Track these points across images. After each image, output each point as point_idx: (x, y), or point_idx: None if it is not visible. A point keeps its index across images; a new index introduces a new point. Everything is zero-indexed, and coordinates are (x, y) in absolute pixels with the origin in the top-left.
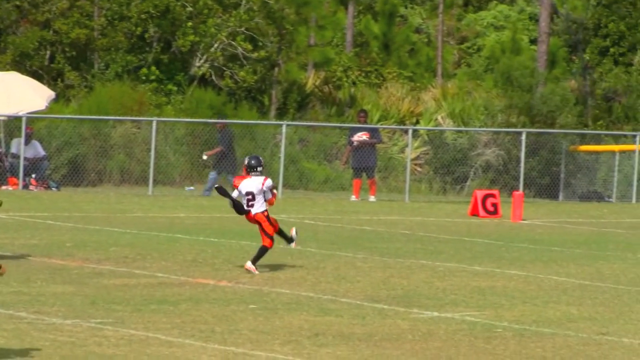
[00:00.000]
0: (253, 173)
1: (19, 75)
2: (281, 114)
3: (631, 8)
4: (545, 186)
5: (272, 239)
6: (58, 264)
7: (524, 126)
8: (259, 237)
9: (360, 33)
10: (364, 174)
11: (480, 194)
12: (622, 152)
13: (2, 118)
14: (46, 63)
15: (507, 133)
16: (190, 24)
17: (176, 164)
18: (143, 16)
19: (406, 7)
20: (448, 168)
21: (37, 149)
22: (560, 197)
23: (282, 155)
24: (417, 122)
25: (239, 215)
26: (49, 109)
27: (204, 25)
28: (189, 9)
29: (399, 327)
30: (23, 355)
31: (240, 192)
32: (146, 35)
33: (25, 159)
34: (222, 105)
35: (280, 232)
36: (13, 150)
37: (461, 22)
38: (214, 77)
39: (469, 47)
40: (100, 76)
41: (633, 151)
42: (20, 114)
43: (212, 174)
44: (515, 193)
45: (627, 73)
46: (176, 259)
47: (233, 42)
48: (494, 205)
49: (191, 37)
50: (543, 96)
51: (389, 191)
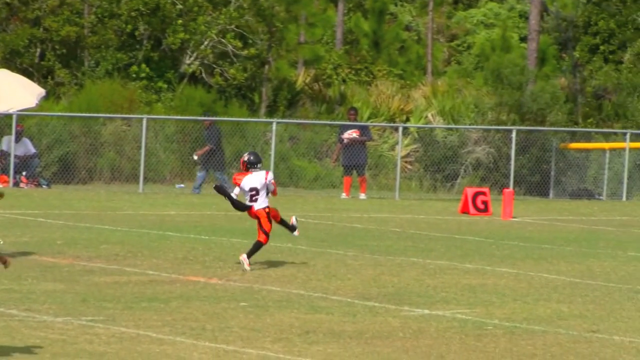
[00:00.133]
0: (254, 169)
1: (9, 72)
2: (271, 111)
3: (621, 6)
4: (536, 184)
5: (267, 235)
6: (49, 262)
7: (514, 124)
8: (251, 235)
9: (350, 31)
10: (355, 172)
11: (470, 191)
12: (612, 149)
13: None
14: (36, 60)
15: (498, 131)
16: (180, 21)
17: (166, 162)
18: (133, 14)
19: (396, 5)
20: (438, 166)
21: (28, 147)
22: (551, 194)
23: (272, 152)
24: (407, 120)
25: (235, 213)
26: (40, 107)
27: (194, 23)
28: (179, 6)
29: (389, 324)
30: (14, 353)
31: (242, 188)
32: (136, 33)
33: (16, 156)
34: (212, 102)
35: (282, 222)
36: (3, 147)
37: (451, 19)
38: (204, 75)
39: (459, 45)
40: (91, 74)
41: (623, 149)
42: (10, 111)
43: (200, 174)
44: (506, 191)
45: (617, 71)
46: (167, 257)
47: (223, 40)
48: (485, 202)
49: (181, 35)
50: (533, 94)
51: (380, 189)
